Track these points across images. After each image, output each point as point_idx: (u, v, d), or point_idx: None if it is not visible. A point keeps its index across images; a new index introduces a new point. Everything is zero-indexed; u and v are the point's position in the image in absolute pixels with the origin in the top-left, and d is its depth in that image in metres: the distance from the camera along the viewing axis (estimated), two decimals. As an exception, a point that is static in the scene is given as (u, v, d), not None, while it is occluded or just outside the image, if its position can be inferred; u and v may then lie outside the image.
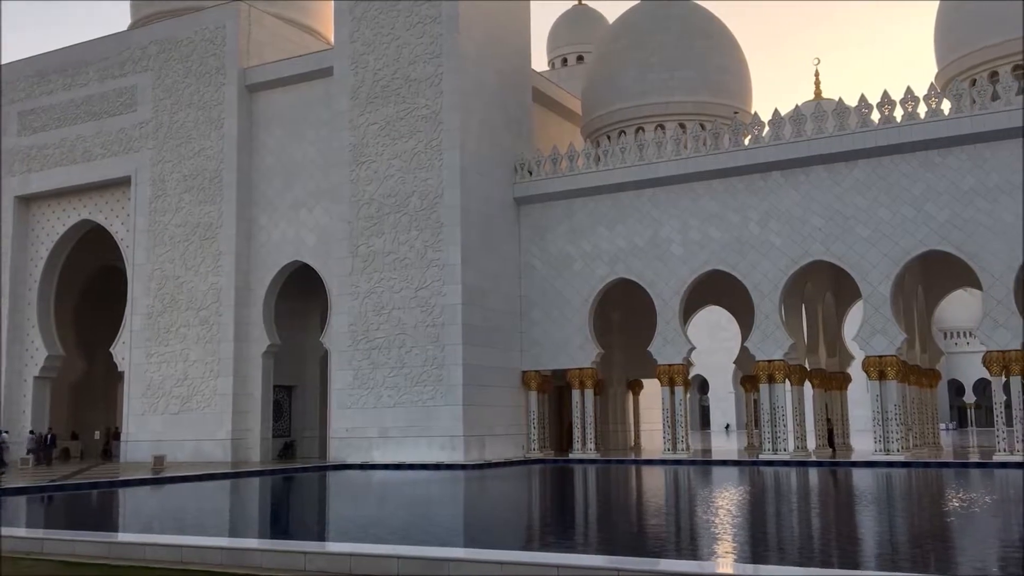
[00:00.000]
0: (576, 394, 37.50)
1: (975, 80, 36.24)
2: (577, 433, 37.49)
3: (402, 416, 35.18)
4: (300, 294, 41.81)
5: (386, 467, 33.92)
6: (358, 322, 36.50)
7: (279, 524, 19.82)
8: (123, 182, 43.06)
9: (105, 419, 47.72)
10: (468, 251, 35.46)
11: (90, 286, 48.15)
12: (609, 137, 42.23)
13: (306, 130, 39.91)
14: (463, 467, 32.82)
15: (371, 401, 35.81)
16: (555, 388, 41.06)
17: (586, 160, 38.08)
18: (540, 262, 38.26)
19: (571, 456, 37.05)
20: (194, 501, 24.05)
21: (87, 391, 48.68)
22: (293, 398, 43.03)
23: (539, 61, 54.70)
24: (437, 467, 33.11)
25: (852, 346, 37.02)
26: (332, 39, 41.08)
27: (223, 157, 40.44)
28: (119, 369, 42.24)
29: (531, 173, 38.90)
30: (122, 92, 43.41)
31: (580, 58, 55.08)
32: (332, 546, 14.66)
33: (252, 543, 15.38)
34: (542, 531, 17.37)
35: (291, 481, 31.13)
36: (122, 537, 15.35)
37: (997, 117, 30.61)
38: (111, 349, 42.50)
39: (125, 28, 48.90)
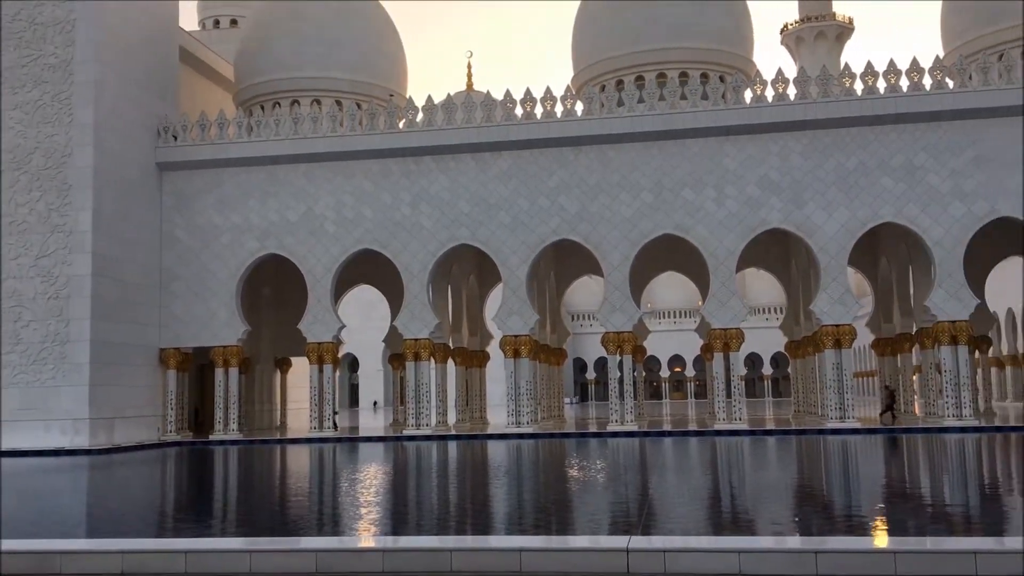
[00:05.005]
0: (220, 373, 36.02)
1: (604, 86, 39.99)
2: (219, 414, 36.05)
3: (16, 397, 31.52)
4: None
5: (-6, 455, 30.28)
6: (-38, 292, 32.03)
7: None
8: None
9: None
10: (100, 217, 32.53)
11: None
12: (263, 107, 40.95)
13: (-101, 66, 34.07)
14: (88, 452, 30.30)
15: (-23, 382, 31.64)
16: (197, 366, 39.15)
17: (237, 129, 36.55)
18: (184, 232, 36.16)
19: (212, 438, 35.56)
20: None
21: None
22: None
23: (188, 19, 51.56)
24: (57, 453, 30.23)
25: (492, 326, 39.34)
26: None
27: None
28: None
29: (176, 138, 36.56)
30: None
31: (234, 21, 52.66)
32: (-84, 548, 12.71)
33: None
34: (175, 517, 16.48)
35: None
36: None
37: (621, 122, 34.08)
38: None
39: None
